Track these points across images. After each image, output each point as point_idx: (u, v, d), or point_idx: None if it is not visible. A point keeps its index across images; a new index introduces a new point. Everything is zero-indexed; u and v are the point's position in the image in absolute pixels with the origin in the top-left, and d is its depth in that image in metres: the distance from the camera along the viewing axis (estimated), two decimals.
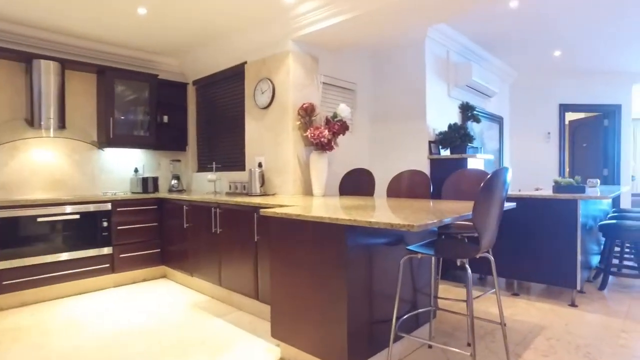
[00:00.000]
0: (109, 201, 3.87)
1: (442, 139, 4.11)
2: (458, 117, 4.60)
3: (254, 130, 3.99)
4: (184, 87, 5.01)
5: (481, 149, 4.27)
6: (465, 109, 4.46)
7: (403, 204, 2.47)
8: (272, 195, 3.65)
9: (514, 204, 2.47)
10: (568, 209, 3.12)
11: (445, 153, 4.22)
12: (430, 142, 4.12)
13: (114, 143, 4.24)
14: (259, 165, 3.86)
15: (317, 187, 3.51)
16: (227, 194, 4.05)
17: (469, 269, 1.87)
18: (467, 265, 1.86)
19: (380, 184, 4.19)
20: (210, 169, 4.65)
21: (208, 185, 4.68)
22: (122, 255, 3.96)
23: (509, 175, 1.93)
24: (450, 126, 4.11)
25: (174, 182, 4.79)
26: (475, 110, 4.47)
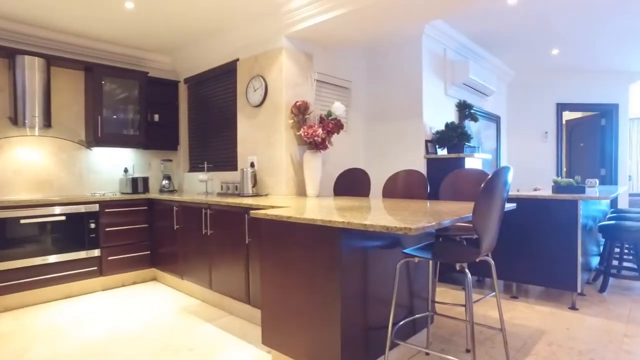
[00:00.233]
0: (97, 202, 3.75)
1: (439, 138, 4.02)
2: (455, 116, 4.52)
3: (246, 129, 3.88)
4: (175, 85, 4.89)
5: (479, 148, 4.18)
6: (463, 108, 4.37)
7: (399, 205, 2.37)
8: (265, 196, 3.54)
9: (515, 205, 2.39)
10: (568, 209, 3.04)
11: (442, 152, 4.14)
12: (427, 142, 4.03)
13: (103, 142, 4.11)
14: (252, 165, 3.76)
15: (311, 188, 3.41)
16: (219, 194, 3.95)
17: (469, 274, 1.78)
18: (467, 270, 1.77)
19: (376, 184, 4.09)
20: (202, 169, 4.54)
21: (200, 186, 4.57)
22: (111, 257, 3.84)
23: (510, 175, 1.84)
24: (447, 125, 4.02)
25: (165, 183, 4.67)
26: (472, 108, 4.39)
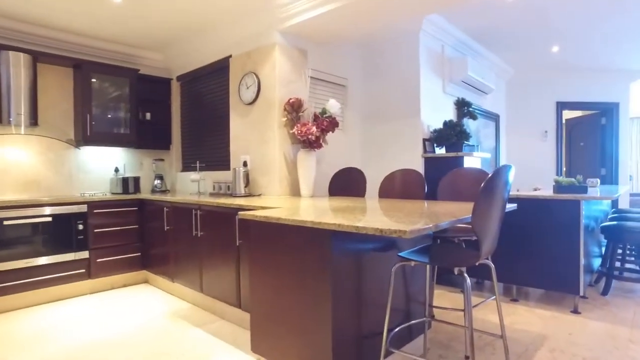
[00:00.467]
0: (85, 202, 3.64)
1: (437, 137, 3.92)
2: (453, 114, 4.42)
3: (238, 128, 3.78)
4: (167, 83, 4.78)
5: (478, 147, 4.09)
6: (461, 105, 4.28)
7: (395, 206, 2.27)
8: (258, 196, 3.44)
9: (515, 206, 2.29)
10: (570, 210, 2.94)
11: (440, 151, 4.04)
12: (424, 140, 3.93)
13: (92, 141, 4.00)
14: (244, 164, 3.65)
15: (305, 188, 3.31)
16: (211, 194, 3.84)
17: (468, 279, 1.68)
18: (466, 274, 1.67)
19: (373, 184, 3.99)
20: (194, 169, 4.43)
21: (192, 186, 4.46)
22: (100, 259, 3.73)
23: (512, 174, 1.74)
24: (445, 123, 3.92)
25: (157, 182, 4.56)
26: (471, 106, 4.29)
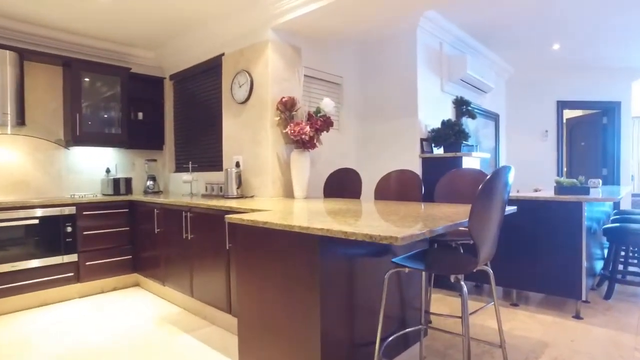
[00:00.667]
0: (73, 204, 3.54)
1: (435, 136, 3.82)
2: (452, 113, 4.32)
3: (231, 127, 3.68)
4: (160, 82, 4.68)
5: (477, 147, 3.99)
6: (460, 104, 4.18)
7: (390, 209, 2.18)
8: (250, 197, 3.34)
9: (515, 208, 2.19)
10: (572, 212, 2.85)
11: (438, 151, 3.94)
12: (422, 140, 3.83)
13: (82, 141, 3.90)
14: (237, 164, 3.55)
15: (298, 189, 3.22)
16: (203, 196, 3.74)
17: (464, 287, 1.58)
18: (463, 282, 1.58)
19: (370, 185, 3.89)
20: (187, 169, 4.34)
21: (185, 187, 4.36)
22: (89, 262, 3.64)
23: (512, 175, 1.64)
24: (443, 122, 3.83)
25: (150, 183, 4.47)
26: (470, 105, 4.19)
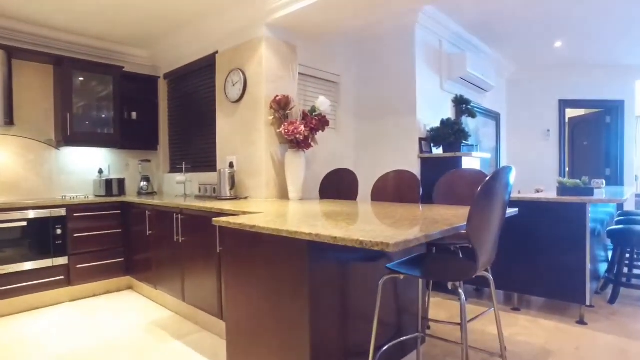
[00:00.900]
0: (63, 206, 3.45)
1: (435, 136, 3.73)
2: (452, 113, 4.23)
3: (225, 127, 3.59)
4: (154, 81, 4.59)
5: (477, 147, 3.90)
6: (460, 103, 4.08)
7: (386, 211, 2.08)
8: (244, 199, 3.25)
9: (516, 210, 2.10)
10: (576, 213, 2.75)
11: (437, 151, 3.85)
12: (421, 140, 3.74)
13: (73, 141, 3.82)
14: (230, 165, 3.46)
15: (293, 190, 3.12)
16: (197, 197, 3.66)
17: (463, 295, 1.49)
18: (461, 290, 1.48)
19: (367, 186, 3.80)
20: (181, 170, 4.25)
21: (179, 188, 4.27)
22: (80, 265, 3.55)
23: (513, 176, 1.55)
24: (443, 122, 3.73)
25: (144, 184, 4.38)
26: (470, 104, 4.10)
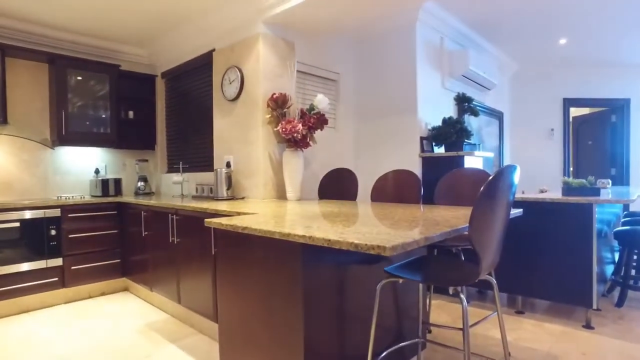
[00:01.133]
0: (58, 206, 3.40)
1: (436, 135, 3.65)
2: (453, 111, 4.14)
3: (222, 126, 3.52)
4: (152, 80, 4.53)
5: (479, 146, 3.81)
6: (462, 101, 4.00)
7: (385, 212, 2.01)
8: (241, 199, 3.19)
9: (521, 211, 2.02)
10: (582, 214, 2.66)
11: (439, 150, 3.77)
12: (422, 139, 3.66)
13: (68, 141, 3.76)
14: (227, 165, 3.40)
15: (291, 190, 3.05)
16: (194, 197, 3.59)
17: (464, 300, 1.41)
18: (462, 296, 1.41)
19: (367, 186, 3.72)
20: (178, 170, 4.18)
21: (177, 188, 4.21)
22: (75, 267, 3.49)
23: (517, 175, 1.47)
24: (444, 120, 3.65)
25: (141, 185, 4.32)
26: (472, 102, 4.01)
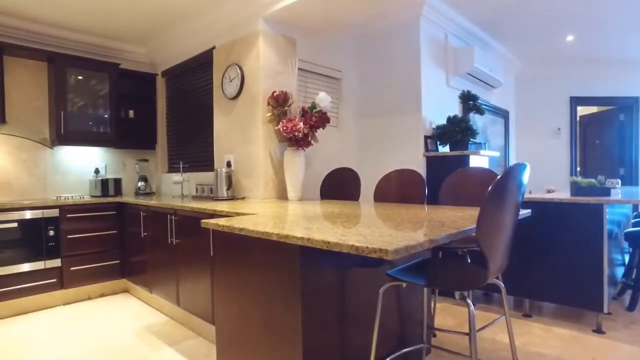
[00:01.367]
0: (56, 206, 3.35)
1: (441, 134, 3.57)
2: (458, 109, 4.06)
3: (222, 125, 3.46)
4: (152, 79, 4.49)
5: (485, 145, 3.73)
6: (467, 99, 3.92)
7: (387, 212, 1.94)
8: (241, 199, 3.12)
9: (529, 212, 1.94)
10: (592, 214, 2.58)
11: (444, 150, 3.69)
12: (426, 137, 3.58)
13: (67, 140, 3.72)
14: (228, 164, 3.34)
15: (292, 190, 2.99)
16: (194, 197, 3.54)
17: (471, 306, 1.34)
18: (469, 300, 1.33)
19: (370, 186, 3.64)
20: (178, 169, 4.13)
21: (177, 188, 4.16)
22: (74, 268, 3.45)
23: (527, 174, 1.40)
24: (449, 119, 3.57)
25: (141, 184, 4.27)
26: (477, 100, 3.93)
